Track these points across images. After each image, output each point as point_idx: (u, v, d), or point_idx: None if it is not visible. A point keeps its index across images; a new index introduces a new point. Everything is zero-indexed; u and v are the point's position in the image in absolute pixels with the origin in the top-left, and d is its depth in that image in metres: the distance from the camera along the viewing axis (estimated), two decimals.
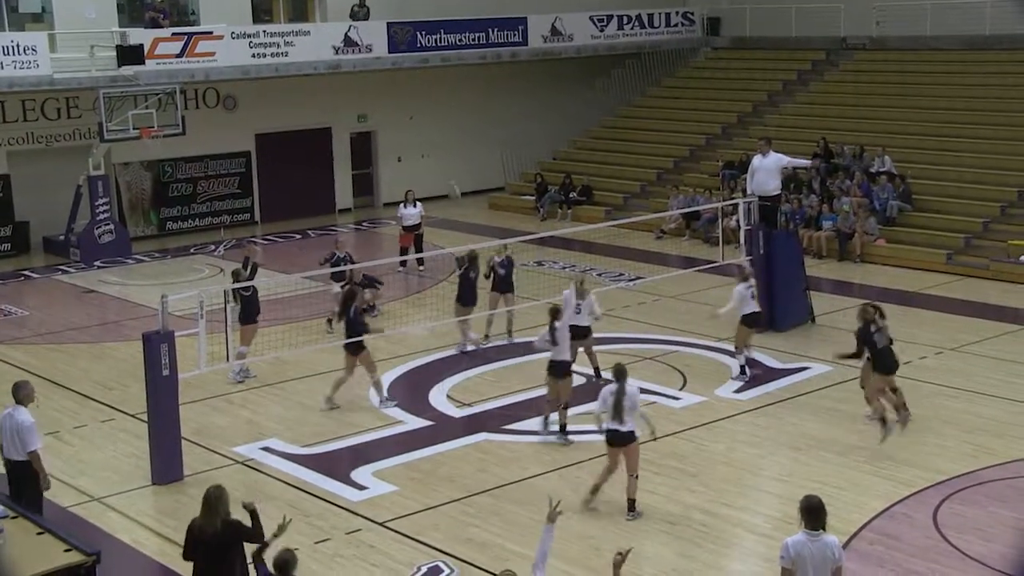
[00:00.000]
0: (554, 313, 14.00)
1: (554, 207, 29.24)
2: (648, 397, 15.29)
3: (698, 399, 15.49)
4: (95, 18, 25.91)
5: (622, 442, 11.95)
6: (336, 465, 13.68)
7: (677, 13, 33.78)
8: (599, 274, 22.64)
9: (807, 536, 8.31)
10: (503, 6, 30.94)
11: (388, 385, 16.36)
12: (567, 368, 14.05)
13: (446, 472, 13.39)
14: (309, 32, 27.97)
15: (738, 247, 19.28)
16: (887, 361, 13.72)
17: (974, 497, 12.27)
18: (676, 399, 15.42)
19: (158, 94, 25.17)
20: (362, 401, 15.89)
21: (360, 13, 29.15)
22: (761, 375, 16.32)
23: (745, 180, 20.22)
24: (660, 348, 17.63)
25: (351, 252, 19.15)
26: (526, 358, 17.08)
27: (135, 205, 27.99)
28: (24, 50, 23.95)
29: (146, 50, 24.88)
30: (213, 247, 26.72)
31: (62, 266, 25.16)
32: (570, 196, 29.26)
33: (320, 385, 16.55)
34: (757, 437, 14.12)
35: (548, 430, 14.18)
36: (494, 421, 14.93)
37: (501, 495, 12.68)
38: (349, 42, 28.20)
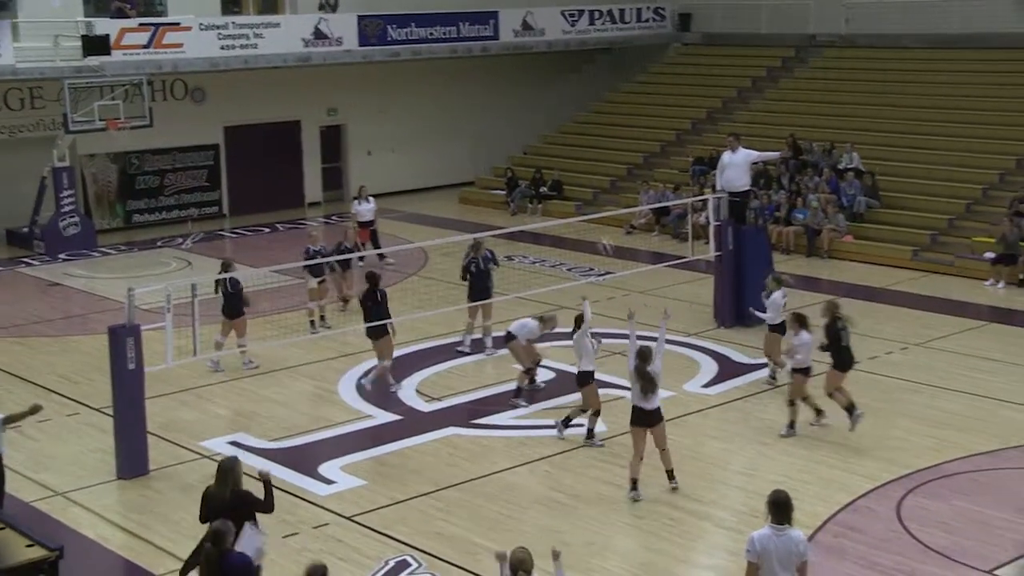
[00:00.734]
0: (577, 321, 13.85)
1: (524, 202, 29.24)
2: (617, 392, 15.36)
3: (666, 394, 15.40)
4: (60, 7, 25.65)
5: (648, 422, 12.15)
6: (304, 459, 13.62)
7: (648, 8, 33.81)
8: (569, 269, 22.67)
9: (773, 530, 8.32)
10: (474, 0, 30.90)
11: (357, 379, 16.33)
12: (588, 377, 13.74)
13: (414, 466, 13.37)
14: (279, 24, 27.83)
15: (707, 243, 19.35)
16: (847, 358, 13.82)
17: (937, 490, 12.38)
18: None
19: (125, 85, 24.98)
20: (330, 395, 15.85)
21: (329, 3, 29.04)
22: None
23: (714, 176, 20.29)
24: (628, 343, 17.59)
25: (326, 245, 19.04)
26: (495, 353, 17.10)
27: (101, 197, 27.78)
28: None
29: (112, 40, 24.67)
30: (181, 240, 26.55)
31: (26, 259, 24.93)
32: (540, 191, 29.26)
33: (286, 379, 16.51)
34: (725, 432, 14.18)
35: (590, 439, 13.85)
36: (463, 416, 14.92)
37: (469, 489, 12.67)
38: (319, 35, 28.09)
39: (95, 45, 24.29)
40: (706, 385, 15.88)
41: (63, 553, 9.28)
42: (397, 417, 14.97)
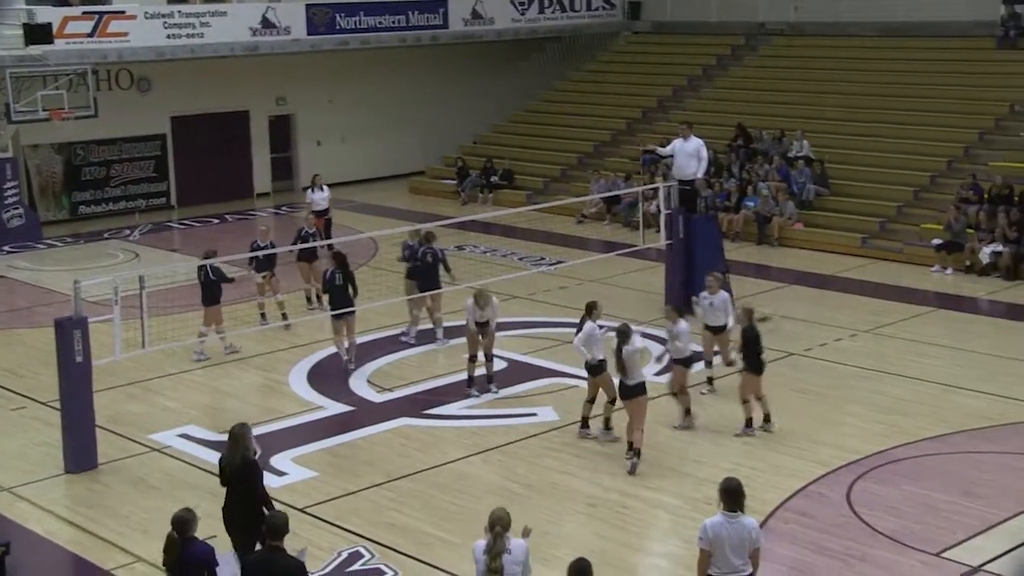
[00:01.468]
0: (588, 311, 13.75)
1: (475, 191, 29.17)
2: (568, 381, 15.38)
3: (619, 381, 15.52)
4: None
5: (630, 395, 12.60)
6: None
7: None
8: (520, 258, 22.65)
9: (725, 518, 8.36)
10: None
11: (308, 370, 16.24)
12: (604, 366, 13.53)
13: (367, 457, 13.31)
14: (226, 13, 27.49)
15: (658, 231, 19.40)
16: (760, 362, 13.64)
17: (886, 475, 12.51)
18: None
19: (68, 75, 24.60)
20: (281, 387, 15.73)
21: None
22: None
23: (667, 162, 20.34)
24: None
25: (274, 240, 18.83)
26: (446, 343, 17.05)
27: (46, 189, 27.34)
28: None
29: (55, 29, 24.25)
30: (128, 232, 26.22)
31: None
32: (491, 180, 29.21)
33: (237, 370, 16.37)
34: (676, 419, 14.21)
35: (605, 433, 13.67)
36: (415, 406, 14.86)
37: (422, 479, 12.64)
38: (267, 23, 27.82)
39: (37, 34, 23.87)
40: (658, 373, 15.90)
41: (9, 549, 9.17)
42: (349, 408, 14.89)
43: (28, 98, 24.07)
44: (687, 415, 13.90)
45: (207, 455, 13.34)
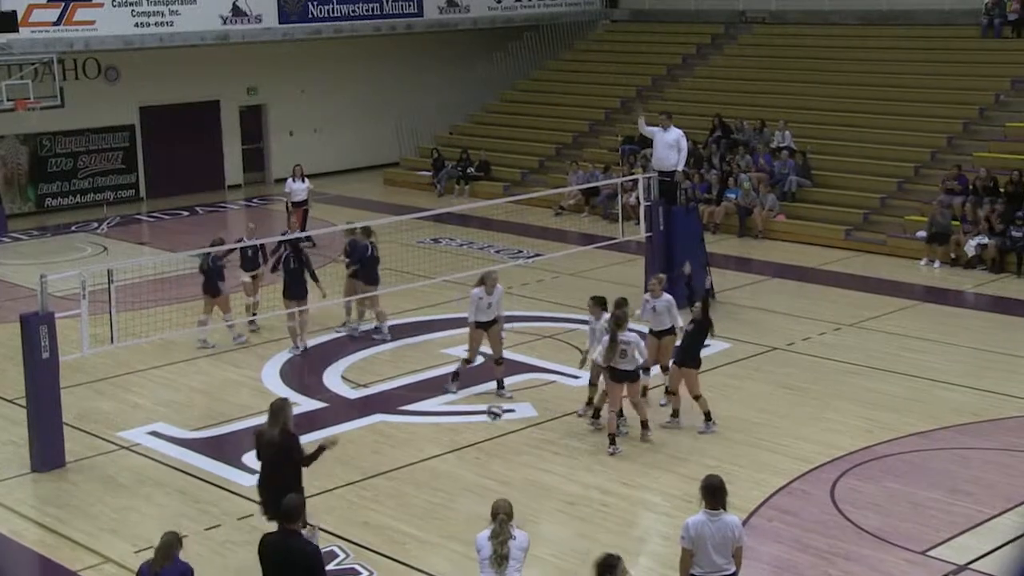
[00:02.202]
0: (602, 304, 13.62)
1: (451, 183, 28.85)
2: (547, 376, 15.14)
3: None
4: None
5: (624, 379, 12.70)
6: (226, 449, 13.24)
7: None
8: (497, 251, 22.36)
9: (707, 516, 8.19)
10: None
11: (280, 366, 15.95)
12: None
13: (340, 454, 12.96)
14: (195, 1, 27.03)
15: (638, 224, 19.16)
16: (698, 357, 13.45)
17: (870, 472, 12.29)
18: (575, 377, 15.16)
19: (34, 64, 24.16)
20: (253, 383, 15.42)
21: None
22: None
23: (646, 154, 20.08)
24: (559, 326, 17.42)
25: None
26: (422, 338, 16.78)
27: (11, 181, 26.91)
28: None
29: (20, 17, 23.89)
30: (96, 224, 25.81)
31: None
32: (468, 172, 28.90)
33: (208, 367, 16.05)
34: (657, 415, 13.96)
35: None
36: (390, 402, 14.59)
37: (397, 477, 12.39)
38: (237, 11, 27.41)
39: (2, 22, 23.53)
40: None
41: None
42: (322, 404, 14.61)
43: None
44: (674, 416, 13.62)
45: (177, 453, 13.10)
